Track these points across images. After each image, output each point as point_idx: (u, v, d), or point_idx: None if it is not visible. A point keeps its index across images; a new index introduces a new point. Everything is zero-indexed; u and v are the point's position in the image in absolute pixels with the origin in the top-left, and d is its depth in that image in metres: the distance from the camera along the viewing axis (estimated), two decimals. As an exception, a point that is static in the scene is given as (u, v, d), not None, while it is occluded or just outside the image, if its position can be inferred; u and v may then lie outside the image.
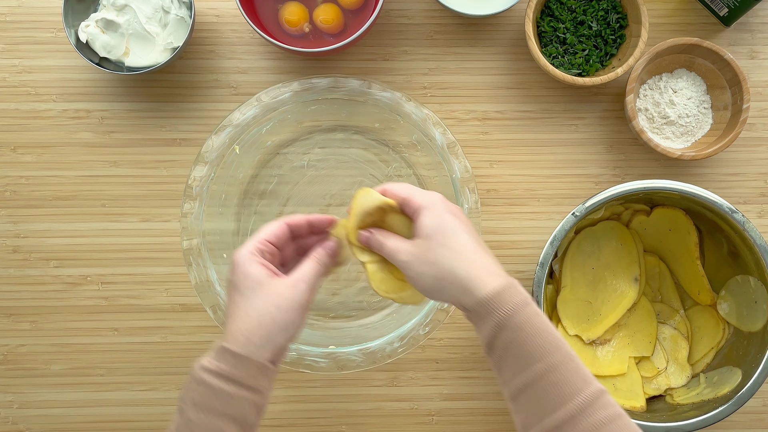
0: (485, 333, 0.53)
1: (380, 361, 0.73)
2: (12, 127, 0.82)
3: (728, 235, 0.75)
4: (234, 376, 0.52)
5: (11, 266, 0.82)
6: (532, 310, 0.53)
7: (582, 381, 0.51)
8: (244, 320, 0.54)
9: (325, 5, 0.80)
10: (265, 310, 0.54)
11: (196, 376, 0.52)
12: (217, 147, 0.74)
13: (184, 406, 0.52)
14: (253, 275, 0.55)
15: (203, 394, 0.52)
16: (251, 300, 0.54)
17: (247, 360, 0.53)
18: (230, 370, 0.52)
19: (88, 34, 0.77)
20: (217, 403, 0.52)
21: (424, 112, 0.74)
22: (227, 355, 0.52)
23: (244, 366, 0.52)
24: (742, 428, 0.82)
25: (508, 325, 0.52)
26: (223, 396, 0.52)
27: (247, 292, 0.55)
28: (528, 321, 0.52)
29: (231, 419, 0.52)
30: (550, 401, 0.50)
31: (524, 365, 0.51)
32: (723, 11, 0.82)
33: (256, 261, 0.56)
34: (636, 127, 0.78)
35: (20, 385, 0.82)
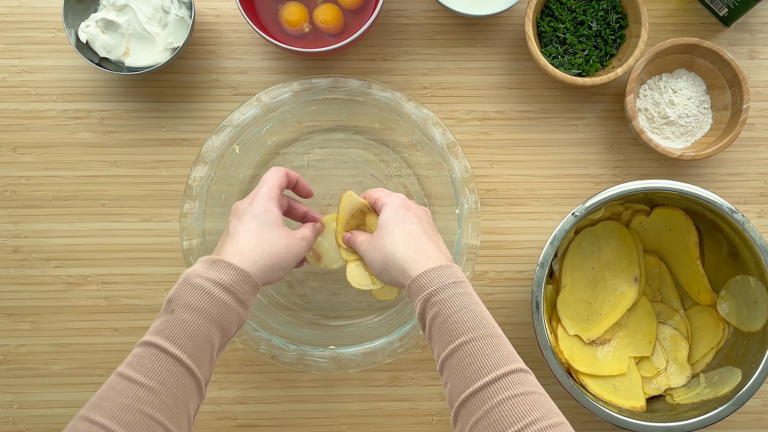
0: (417, 308, 0.58)
1: (380, 361, 0.73)
2: (12, 127, 0.82)
3: (728, 235, 0.75)
4: (233, 289, 0.57)
5: (11, 266, 0.82)
6: (461, 290, 0.57)
7: (501, 358, 0.53)
8: (257, 246, 0.61)
9: (325, 5, 0.80)
10: (277, 246, 0.62)
11: (193, 282, 0.56)
12: (217, 147, 0.74)
13: (175, 308, 0.55)
14: (273, 213, 0.63)
15: (201, 299, 0.56)
16: (269, 233, 0.62)
17: (248, 277, 0.58)
18: (231, 283, 0.57)
19: (88, 34, 0.77)
20: (213, 309, 0.56)
21: (424, 112, 0.75)
22: (229, 269, 0.58)
23: (244, 282, 0.58)
24: (742, 428, 0.82)
25: (433, 300, 0.57)
26: (218, 304, 0.56)
27: (266, 225, 0.62)
28: (451, 298, 0.56)
29: (219, 327, 0.56)
30: (466, 375, 0.53)
31: (448, 340, 0.55)
32: (723, 11, 0.82)
33: (276, 203, 0.64)
34: (636, 127, 0.78)
35: (20, 385, 0.82)
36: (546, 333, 0.71)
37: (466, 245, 0.73)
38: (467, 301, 0.57)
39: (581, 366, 0.75)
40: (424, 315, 0.58)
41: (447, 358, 0.55)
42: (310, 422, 0.82)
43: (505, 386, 0.51)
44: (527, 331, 0.83)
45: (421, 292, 0.58)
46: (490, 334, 0.55)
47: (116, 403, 0.50)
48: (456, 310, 0.56)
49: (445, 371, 0.55)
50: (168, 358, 0.53)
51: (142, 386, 0.51)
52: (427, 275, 0.58)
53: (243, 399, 0.82)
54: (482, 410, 0.51)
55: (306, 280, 0.81)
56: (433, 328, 0.57)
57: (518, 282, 0.83)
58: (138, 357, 0.53)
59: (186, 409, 0.54)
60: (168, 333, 0.54)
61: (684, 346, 0.79)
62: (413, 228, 0.63)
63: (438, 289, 0.57)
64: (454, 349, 0.54)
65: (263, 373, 0.82)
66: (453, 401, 0.53)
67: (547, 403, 0.51)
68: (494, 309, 0.83)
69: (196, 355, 0.55)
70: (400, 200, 0.66)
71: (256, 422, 0.82)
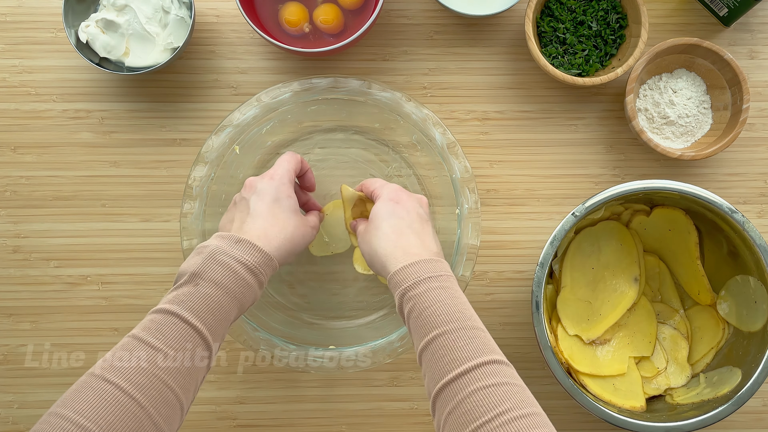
0: (396, 303, 0.60)
1: (380, 361, 0.73)
2: (12, 127, 0.82)
3: (728, 235, 0.75)
4: (257, 270, 0.59)
5: (11, 266, 0.82)
6: (436, 285, 0.58)
7: (475, 350, 0.54)
8: (281, 231, 0.63)
9: (325, 5, 0.80)
10: (298, 233, 0.65)
11: (220, 259, 0.58)
12: (217, 147, 0.74)
13: (200, 282, 0.57)
14: (294, 200, 0.66)
15: (227, 277, 0.57)
16: (291, 219, 0.65)
17: (271, 261, 0.61)
18: (256, 264, 0.59)
19: (88, 34, 0.77)
20: (236, 288, 0.58)
21: (424, 112, 0.75)
22: (255, 251, 0.60)
23: (266, 265, 0.60)
24: (742, 428, 0.82)
25: (408, 295, 0.58)
26: (242, 284, 0.58)
27: (288, 211, 0.65)
28: (426, 293, 0.57)
29: (239, 304, 0.59)
30: (440, 367, 0.54)
31: (423, 333, 0.56)
32: (723, 11, 0.82)
33: (293, 188, 0.67)
34: (636, 127, 0.78)
35: (20, 385, 0.82)
36: (546, 333, 0.71)
37: (466, 245, 0.73)
38: (442, 295, 0.57)
39: (581, 366, 0.75)
40: (402, 309, 0.59)
41: (423, 350, 0.56)
42: (310, 422, 0.82)
43: (478, 377, 0.52)
44: (527, 331, 0.83)
45: (398, 287, 0.59)
46: (464, 326, 0.55)
47: (132, 366, 0.51)
48: (430, 304, 0.57)
49: (423, 364, 0.56)
50: (188, 329, 0.54)
51: (159, 352, 0.52)
52: (404, 271, 0.59)
53: (243, 399, 0.82)
54: (455, 401, 0.51)
55: (306, 280, 0.81)
56: (410, 322, 0.58)
57: (518, 282, 0.83)
58: (157, 324, 0.54)
59: (195, 380, 0.55)
60: (191, 305, 0.55)
61: (684, 346, 0.79)
62: (398, 222, 0.64)
63: (413, 284, 0.58)
64: (429, 342, 0.55)
65: (263, 373, 0.82)
66: (430, 392, 0.54)
67: (520, 394, 0.51)
68: (494, 309, 0.83)
69: (214, 328, 0.56)
70: (392, 192, 0.67)
71: (256, 422, 0.82)
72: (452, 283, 0.59)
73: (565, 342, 0.77)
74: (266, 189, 0.65)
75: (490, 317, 0.83)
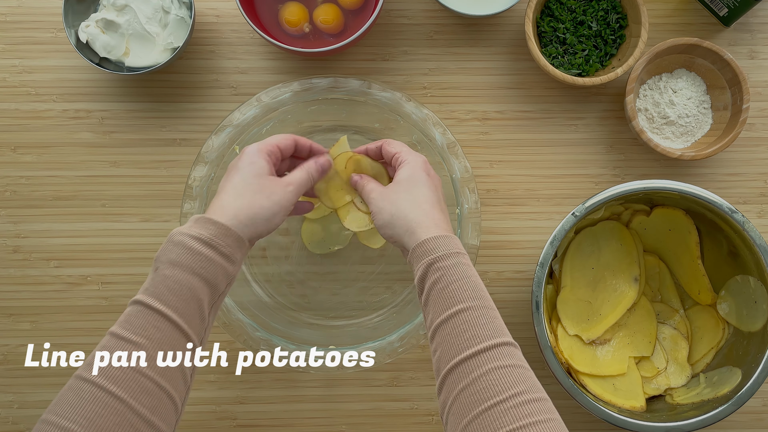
0: (419, 272, 0.59)
1: (380, 361, 0.73)
2: (12, 127, 0.82)
3: (728, 235, 0.75)
4: (213, 242, 0.56)
5: (11, 266, 0.82)
6: (464, 261, 0.58)
7: (495, 330, 0.54)
8: (236, 199, 0.60)
9: (325, 5, 0.80)
10: (258, 197, 0.60)
11: (175, 239, 0.56)
12: (217, 147, 0.74)
13: (159, 266, 0.55)
14: (258, 165, 0.62)
15: (181, 254, 0.55)
16: (250, 184, 0.61)
17: (228, 230, 0.58)
18: (210, 236, 0.56)
19: (88, 34, 0.77)
20: (193, 263, 0.55)
21: (424, 112, 0.75)
22: (209, 224, 0.57)
23: (224, 235, 0.57)
24: (742, 428, 0.82)
25: (437, 265, 0.57)
26: (200, 258, 0.56)
27: (249, 177, 0.61)
28: (455, 266, 0.57)
29: (204, 281, 0.56)
30: (459, 342, 0.53)
31: (445, 306, 0.56)
32: (723, 11, 0.82)
33: (264, 157, 0.63)
34: (636, 127, 0.78)
35: (20, 385, 0.82)
36: (546, 333, 0.71)
37: (466, 245, 0.73)
38: (469, 272, 0.57)
39: (581, 366, 0.75)
40: (425, 279, 0.58)
41: (441, 324, 0.55)
42: (310, 422, 0.82)
43: (495, 356, 0.52)
44: (527, 331, 0.83)
45: (426, 256, 0.58)
46: (487, 305, 0.56)
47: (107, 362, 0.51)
48: (457, 278, 0.56)
49: (436, 337, 0.56)
50: (153, 314, 0.54)
51: (128, 342, 0.52)
52: (435, 241, 0.59)
53: (243, 399, 0.82)
54: (469, 378, 0.51)
55: (306, 280, 0.81)
56: (431, 294, 0.57)
57: (518, 282, 0.83)
58: (126, 315, 0.54)
59: (179, 367, 0.54)
60: (152, 290, 0.55)
61: (684, 346, 0.79)
62: (430, 194, 0.63)
63: (443, 255, 0.58)
64: (450, 316, 0.55)
65: (263, 373, 0.82)
66: (441, 368, 0.54)
67: (531, 378, 0.52)
68: (494, 309, 0.83)
69: (181, 310, 0.55)
70: (423, 162, 0.66)
71: (256, 422, 0.82)
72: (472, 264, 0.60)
73: (565, 342, 0.77)
74: (231, 164, 0.64)
75: (490, 317, 0.83)
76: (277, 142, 0.65)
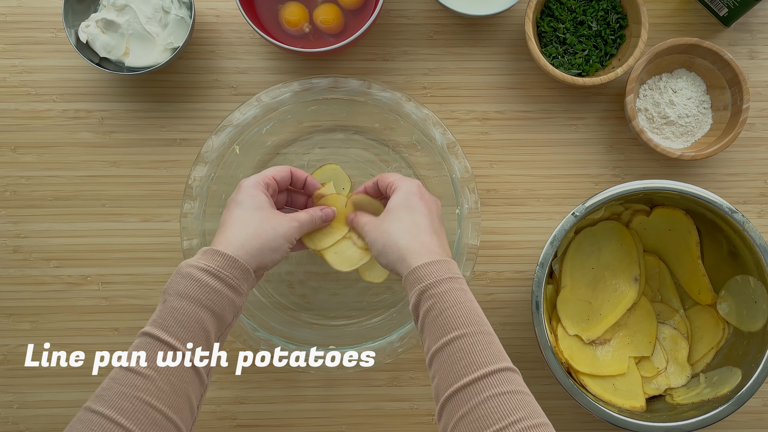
0: (412, 299, 0.58)
1: (380, 361, 0.73)
2: (12, 127, 0.82)
3: (728, 235, 0.75)
4: (220, 274, 0.57)
5: (11, 266, 0.82)
6: (457, 286, 0.57)
7: (491, 356, 0.53)
8: (241, 230, 0.61)
9: (325, 5, 0.80)
10: (263, 228, 0.62)
11: (183, 271, 0.57)
12: (217, 147, 0.74)
13: (167, 297, 0.56)
14: (258, 198, 0.64)
15: (188, 286, 0.56)
16: (253, 216, 0.62)
17: (235, 262, 0.58)
18: (217, 268, 0.57)
19: (88, 34, 0.77)
20: (201, 295, 0.56)
21: (424, 112, 0.75)
22: (217, 256, 0.58)
23: (231, 267, 0.58)
24: (742, 428, 0.82)
25: (429, 292, 0.57)
26: (207, 290, 0.56)
27: (251, 210, 0.62)
28: (447, 292, 0.56)
29: (212, 313, 0.56)
30: (455, 370, 0.53)
31: (440, 333, 0.55)
32: (723, 11, 0.82)
33: (262, 189, 0.65)
34: (636, 127, 0.78)
35: (20, 385, 0.82)
36: (546, 333, 0.71)
37: (466, 245, 0.73)
38: (462, 297, 0.57)
39: (581, 366, 0.75)
40: (419, 307, 0.58)
41: (437, 351, 0.55)
42: (310, 422, 0.82)
43: (493, 383, 0.51)
44: (527, 331, 0.83)
45: (418, 284, 0.58)
46: (482, 331, 0.55)
47: (114, 392, 0.51)
48: (450, 305, 0.56)
49: (433, 365, 0.55)
50: (160, 345, 0.54)
51: (137, 374, 0.52)
52: (426, 268, 0.58)
53: (243, 399, 0.82)
54: (468, 405, 0.51)
55: (306, 280, 0.81)
56: (426, 321, 0.57)
57: (518, 282, 0.83)
58: (135, 347, 0.54)
59: (186, 396, 0.54)
60: (160, 322, 0.55)
61: (684, 346, 0.79)
62: (421, 218, 0.63)
63: (435, 282, 0.57)
64: (445, 344, 0.54)
65: (263, 373, 0.82)
66: (439, 396, 0.54)
67: (532, 404, 0.52)
68: (494, 309, 0.83)
69: (187, 340, 0.55)
70: (415, 187, 0.66)
71: (256, 422, 0.82)
72: (467, 287, 0.59)
73: (565, 342, 0.77)
74: (231, 199, 0.65)
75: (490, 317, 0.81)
76: (273, 173, 0.66)
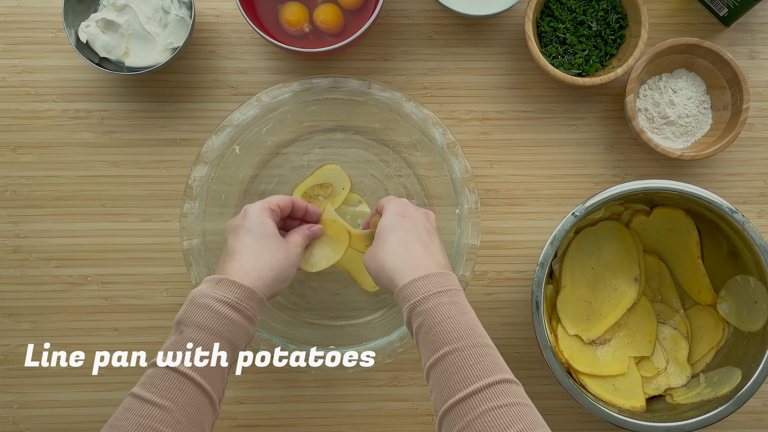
0: (405, 317, 0.59)
1: (380, 361, 0.73)
2: (12, 127, 0.82)
3: (728, 235, 0.75)
4: (239, 306, 0.58)
5: (11, 266, 0.82)
6: (446, 299, 0.57)
7: (485, 369, 0.53)
8: (257, 261, 0.61)
9: (325, 5, 0.80)
10: (277, 258, 0.63)
11: (200, 302, 0.57)
12: (217, 147, 0.74)
13: (184, 328, 0.56)
14: (268, 226, 0.64)
15: (207, 318, 0.56)
16: (267, 245, 0.63)
17: (253, 293, 0.59)
18: (237, 300, 0.58)
19: (88, 35, 0.77)
20: (220, 327, 0.57)
21: (424, 112, 0.75)
22: (234, 287, 0.58)
23: (249, 298, 0.59)
24: (742, 428, 0.82)
25: (418, 309, 0.57)
26: (226, 322, 0.57)
27: (263, 239, 0.63)
28: (436, 308, 0.56)
29: (229, 343, 0.57)
30: (449, 385, 0.53)
31: (432, 349, 0.55)
32: (723, 11, 0.82)
33: (270, 216, 0.65)
34: (636, 127, 0.78)
35: (20, 385, 0.82)
36: (546, 333, 0.71)
37: (466, 245, 0.73)
38: (452, 311, 0.56)
39: (581, 366, 0.75)
40: (411, 324, 0.58)
41: (431, 367, 0.55)
42: (310, 422, 0.82)
43: (488, 397, 0.51)
44: (527, 331, 0.83)
45: (407, 302, 0.58)
46: (475, 344, 0.54)
47: (131, 423, 0.51)
48: (440, 320, 0.56)
49: (430, 380, 0.55)
50: (179, 377, 0.54)
51: (154, 405, 0.52)
52: (413, 285, 0.58)
53: (243, 399, 0.82)
54: (464, 421, 0.50)
55: (306, 280, 0.81)
56: (419, 337, 0.57)
57: (518, 282, 0.83)
58: (150, 377, 0.54)
59: (200, 426, 0.54)
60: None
61: (684, 346, 0.79)
62: (405, 236, 0.63)
63: (423, 298, 0.57)
64: (438, 359, 0.54)
65: (263, 373, 0.82)
66: (437, 411, 0.53)
67: (531, 414, 0.51)
68: (494, 309, 0.83)
69: (206, 372, 0.55)
70: (398, 206, 0.66)
71: (256, 422, 0.82)
72: (461, 298, 0.58)
73: (565, 342, 0.77)
74: (239, 224, 0.64)
75: (490, 317, 0.83)
76: (277, 201, 0.67)
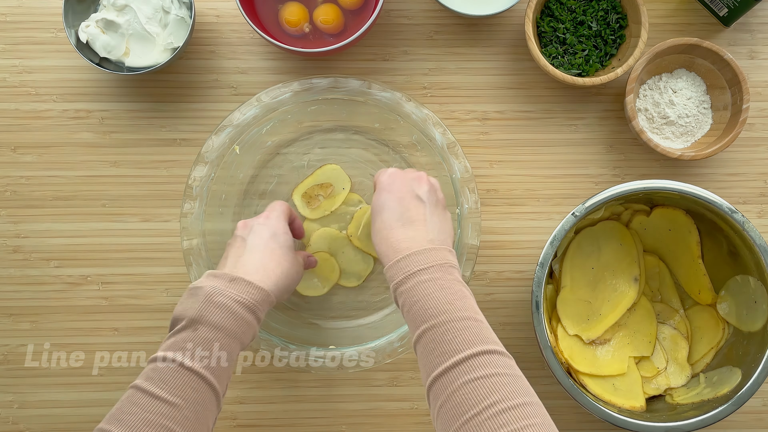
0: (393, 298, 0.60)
1: (380, 361, 0.73)
2: (12, 127, 0.82)
3: (728, 235, 0.75)
4: (255, 308, 0.59)
5: (11, 266, 0.82)
6: (425, 277, 0.57)
7: (464, 342, 0.53)
8: (278, 265, 0.64)
9: (325, 5, 0.80)
10: (292, 270, 0.66)
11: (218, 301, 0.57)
12: (217, 147, 0.74)
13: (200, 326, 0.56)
14: (290, 236, 0.68)
15: (226, 318, 0.57)
16: (287, 255, 0.65)
17: (269, 296, 0.61)
18: (254, 302, 0.59)
19: (88, 35, 0.77)
20: (236, 328, 0.58)
21: (424, 112, 0.75)
22: (252, 289, 0.60)
23: (264, 301, 0.60)
24: (742, 428, 0.82)
25: (399, 290, 0.59)
26: (242, 323, 0.58)
27: (285, 248, 0.66)
28: (415, 287, 0.57)
29: (240, 342, 0.59)
30: (429, 360, 0.53)
31: (414, 327, 0.56)
32: (723, 11, 0.82)
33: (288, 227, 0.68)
34: (636, 127, 0.78)
35: (20, 385, 0.82)
36: (546, 333, 0.71)
37: (466, 245, 0.73)
38: (430, 288, 0.57)
39: (581, 366, 0.75)
40: (397, 302, 0.60)
41: (415, 344, 0.56)
42: (310, 422, 0.82)
43: (466, 370, 0.51)
44: (527, 331, 0.83)
45: (390, 284, 0.60)
46: (454, 318, 0.54)
47: (138, 418, 0.51)
48: (418, 299, 0.56)
49: (417, 357, 0.56)
50: (192, 375, 0.54)
51: (164, 401, 0.52)
52: (392, 268, 0.60)
53: (243, 399, 0.82)
54: (445, 394, 0.51)
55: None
56: (405, 317, 0.58)
57: (518, 282, 0.83)
58: (159, 372, 0.54)
59: (206, 423, 0.55)
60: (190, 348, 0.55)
61: (684, 346, 0.79)
62: (387, 216, 0.64)
63: (402, 280, 0.58)
64: (419, 336, 0.55)
65: (263, 373, 0.82)
66: (424, 385, 0.54)
67: (511, 384, 0.50)
68: (494, 309, 0.83)
69: (218, 372, 0.56)
70: (385, 180, 0.67)
71: (256, 422, 0.82)
72: (444, 273, 0.58)
73: (565, 342, 0.77)
74: (263, 226, 0.65)
75: (490, 317, 0.81)
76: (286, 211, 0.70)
